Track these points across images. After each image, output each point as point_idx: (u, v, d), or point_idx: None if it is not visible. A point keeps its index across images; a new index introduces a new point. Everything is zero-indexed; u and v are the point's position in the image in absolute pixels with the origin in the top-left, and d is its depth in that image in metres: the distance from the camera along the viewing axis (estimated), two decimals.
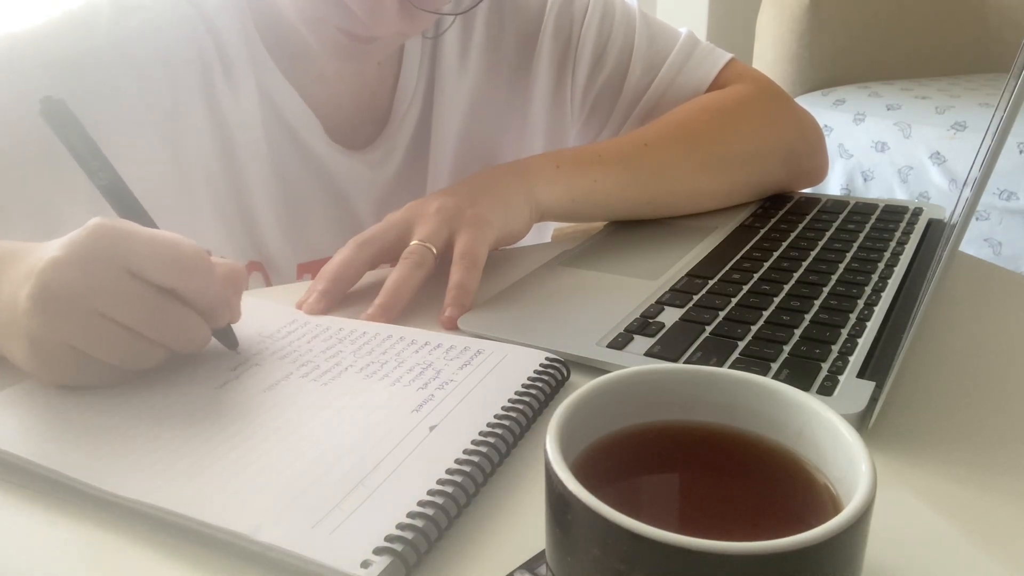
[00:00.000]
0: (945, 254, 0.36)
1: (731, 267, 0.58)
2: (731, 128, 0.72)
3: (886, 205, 0.72)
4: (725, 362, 0.44)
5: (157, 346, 0.42)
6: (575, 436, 0.27)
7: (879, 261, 0.58)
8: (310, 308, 0.53)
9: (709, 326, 0.48)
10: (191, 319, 0.43)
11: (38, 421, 0.40)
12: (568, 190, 0.63)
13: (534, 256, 0.62)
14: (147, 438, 0.38)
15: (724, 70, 0.77)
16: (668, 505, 0.28)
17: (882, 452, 0.38)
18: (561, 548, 0.25)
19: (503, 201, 0.60)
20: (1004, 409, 0.42)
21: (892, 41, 2.33)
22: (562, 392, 0.44)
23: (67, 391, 0.42)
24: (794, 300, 0.52)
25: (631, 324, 0.49)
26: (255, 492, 0.34)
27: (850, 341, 0.46)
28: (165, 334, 0.42)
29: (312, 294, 0.54)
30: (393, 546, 0.31)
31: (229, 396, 0.42)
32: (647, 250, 0.63)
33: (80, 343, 0.40)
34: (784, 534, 0.21)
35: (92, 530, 0.34)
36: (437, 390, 0.42)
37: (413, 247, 0.55)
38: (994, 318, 0.53)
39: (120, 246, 0.40)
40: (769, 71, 2.30)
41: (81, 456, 0.37)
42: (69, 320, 0.39)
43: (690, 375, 0.30)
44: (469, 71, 0.75)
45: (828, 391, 0.41)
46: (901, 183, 1.95)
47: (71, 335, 0.40)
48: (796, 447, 0.28)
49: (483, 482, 0.36)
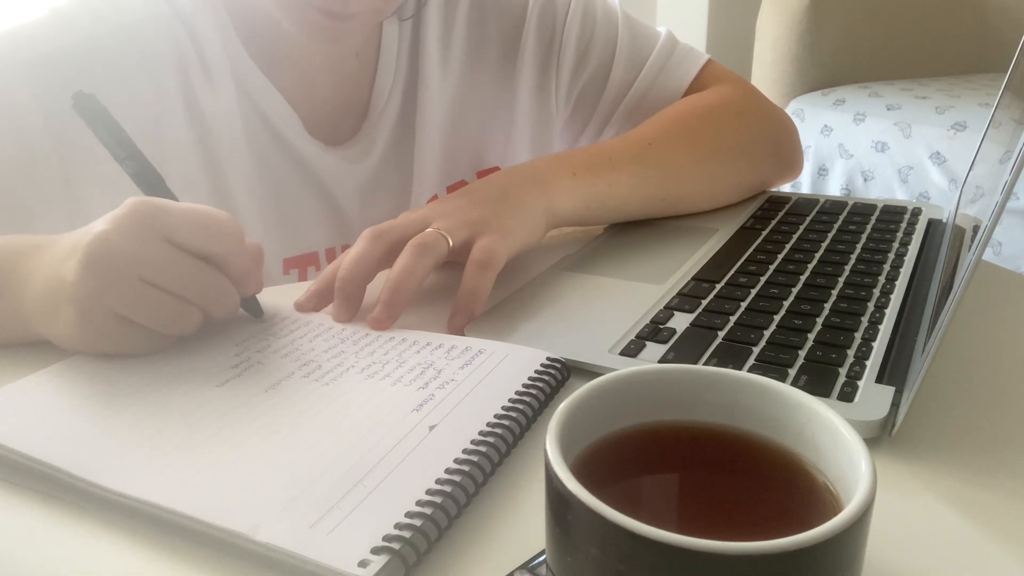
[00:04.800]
0: (971, 261, 0.36)
1: (737, 270, 0.58)
2: (723, 124, 0.74)
3: (885, 205, 0.72)
4: (741, 369, 0.43)
5: (195, 309, 0.46)
6: (575, 436, 0.27)
7: (884, 263, 0.58)
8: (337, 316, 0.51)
9: (721, 331, 0.48)
10: (224, 284, 0.46)
11: (38, 418, 0.40)
12: (584, 197, 0.63)
13: (536, 261, 0.62)
14: (147, 436, 0.38)
15: (703, 71, 0.79)
16: (668, 505, 0.28)
17: (906, 458, 0.38)
18: (561, 548, 0.25)
19: (525, 213, 0.58)
20: (1016, 410, 0.42)
21: (892, 41, 2.33)
22: (562, 392, 0.44)
23: (67, 387, 0.42)
24: (804, 304, 0.52)
25: (642, 331, 0.49)
26: (254, 491, 0.34)
27: (864, 345, 0.46)
28: (203, 297, 0.46)
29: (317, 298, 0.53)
30: (391, 545, 0.31)
31: (230, 395, 0.42)
32: (650, 253, 0.63)
33: (126, 309, 0.43)
34: (784, 534, 0.21)
35: (92, 529, 0.34)
36: (437, 390, 0.42)
37: (428, 232, 0.53)
38: (996, 319, 0.53)
39: (159, 218, 0.44)
40: (769, 71, 2.30)
41: (81, 453, 0.37)
42: (116, 287, 0.43)
43: (690, 375, 0.30)
44: (452, 67, 0.76)
45: (849, 397, 0.41)
46: (901, 183, 1.95)
47: (118, 301, 0.43)
48: (796, 447, 0.28)
49: (483, 482, 0.36)
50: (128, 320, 0.44)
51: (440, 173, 0.77)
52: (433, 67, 0.74)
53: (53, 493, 0.36)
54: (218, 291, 0.46)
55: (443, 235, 0.53)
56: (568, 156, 0.65)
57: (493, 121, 0.79)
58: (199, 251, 0.45)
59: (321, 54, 0.70)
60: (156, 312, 0.44)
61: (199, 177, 0.66)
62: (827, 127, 2.10)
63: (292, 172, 0.71)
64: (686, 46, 0.80)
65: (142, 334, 0.45)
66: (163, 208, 0.44)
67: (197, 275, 0.45)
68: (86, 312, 0.43)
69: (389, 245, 0.53)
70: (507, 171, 0.63)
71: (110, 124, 0.49)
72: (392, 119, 0.75)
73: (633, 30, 0.79)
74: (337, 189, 0.73)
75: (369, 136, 0.74)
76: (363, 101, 0.74)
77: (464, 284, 0.52)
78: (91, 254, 0.42)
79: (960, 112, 1.90)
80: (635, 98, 0.78)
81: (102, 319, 0.43)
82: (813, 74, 2.25)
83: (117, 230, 0.43)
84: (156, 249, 0.43)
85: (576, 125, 0.82)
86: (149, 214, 0.44)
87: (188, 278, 0.44)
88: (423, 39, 0.74)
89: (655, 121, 0.72)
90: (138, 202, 0.44)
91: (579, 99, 0.80)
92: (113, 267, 0.42)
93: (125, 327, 0.44)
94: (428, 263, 0.51)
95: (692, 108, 0.74)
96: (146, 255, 0.43)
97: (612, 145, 0.68)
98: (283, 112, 0.69)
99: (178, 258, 0.44)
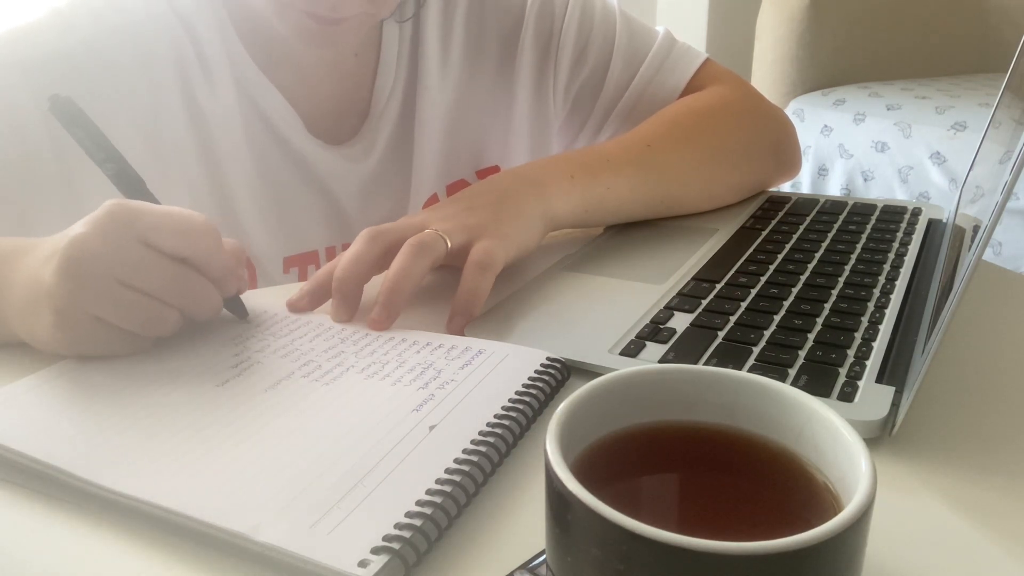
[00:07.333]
0: (971, 261, 0.36)
1: (737, 270, 0.58)
2: (722, 124, 0.74)
3: (885, 205, 0.72)
4: (741, 369, 0.43)
5: (172, 311, 0.46)
6: (575, 436, 0.27)
7: (884, 263, 0.58)
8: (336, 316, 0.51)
9: (721, 331, 0.48)
10: (204, 285, 0.47)
11: (38, 418, 0.40)
12: (582, 200, 0.63)
13: (535, 261, 0.62)
14: (147, 436, 0.38)
15: (700, 70, 0.79)
16: (668, 505, 0.28)
17: (906, 458, 0.38)
18: (561, 548, 0.25)
19: (523, 218, 0.58)
20: (1016, 410, 0.42)
21: (892, 41, 2.33)
22: (562, 392, 0.44)
23: (66, 387, 0.43)
24: (804, 304, 0.52)
25: (642, 331, 0.49)
26: (254, 491, 0.34)
27: (864, 345, 0.46)
28: (180, 299, 0.46)
29: (310, 297, 0.53)
30: (391, 545, 0.31)
31: (230, 394, 0.42)
32: (650, 253, 0.63)
33: (102, 311, 0.43)
34: (784, 534, 0.21)
35: (91, 529, 0.34)
36: (437, 390, 0.42)
37: (426, 232, 0.53)
38: (996, 319, 0.53)
39: (135, 220, 0.44)
40: (769, 71, 2.30)
41: (81, 453, 0.37)
42: (92, 289, 0.43)
43: (690, 375, 0.30)
44: (451, 67, 0.76)
45: (849, 397, 0.41)
46: (901, 183, 1.95)
47: (94, 303, 0.43)
48: (796, 447, 0.28)
49: (483, 482, 0.36)
50: (105, 322, 0.44)
51: (440, 172, 0.77)
52: (433, 67, 0.74)
53: (53, 493, 0.36)
54: (196, 292, 0.46)
55: (441, 236, 0.53)
56: (566, 158, 0.65)
57: (492, 120, 0.79)
58: (176, 252, 0.45)
59: (320, 54, 0.70)
60: (133, 314, 0.44)
61: (199, 177, 0.67)
62: (827, 127, 2.10)
63: (292, 171, 0.71)
64: (684, 45, 0.80)
65: (120, 336, 0.45)
66: (139, 210, 0.44)
67: (174, 276, 0.45)
68: (63, 314, 0.43)
69: (387, 245, 0.53)
70: (504, 174, 0.63)
71: (88, 127, 0.49)
72: (392, 119, 0.75)
73: (631, 29, 0.79)
74: (337, 188, 0.73)
75: (370, 135, 0.74)
76: (363, 100, 0.74)
77: (463, 285, 0.52)
78: (68, 257, 0.42)
79: (960, 112, 1.91)
80: (633, 97, 0.78)
81: (79, 321, 0.43)
82: (813, 74, 2.25)
83: (93, 232, 0.43)
84: (132, 251, 0.43)
85: (574, 124, 0.82)
86: (125, 216, 0.44)
87: (165, 280, 0.44)
88: (423, 39, 0.74)
89: (653, 122, 0.72)
90: (114, 204, 0.44)
91: (577, 98, 0.80)
92: (89, 269, 0.42)
93: (103, 329, 0.44)
94: (426, 263, 0.51)
95: (690, 109, 0.74)
96: (122, 257, 0.43)
97: (610, 147, 0.68)
98: (283, 111, 0.69)
99: (154, 260, 0.44)
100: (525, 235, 0.58)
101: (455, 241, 0.53)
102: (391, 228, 0.54)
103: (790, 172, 0.80)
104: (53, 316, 0.43)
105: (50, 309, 0.43)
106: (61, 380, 0.43)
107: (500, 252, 0.54)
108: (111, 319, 0.44)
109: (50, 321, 0.43)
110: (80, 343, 0.45)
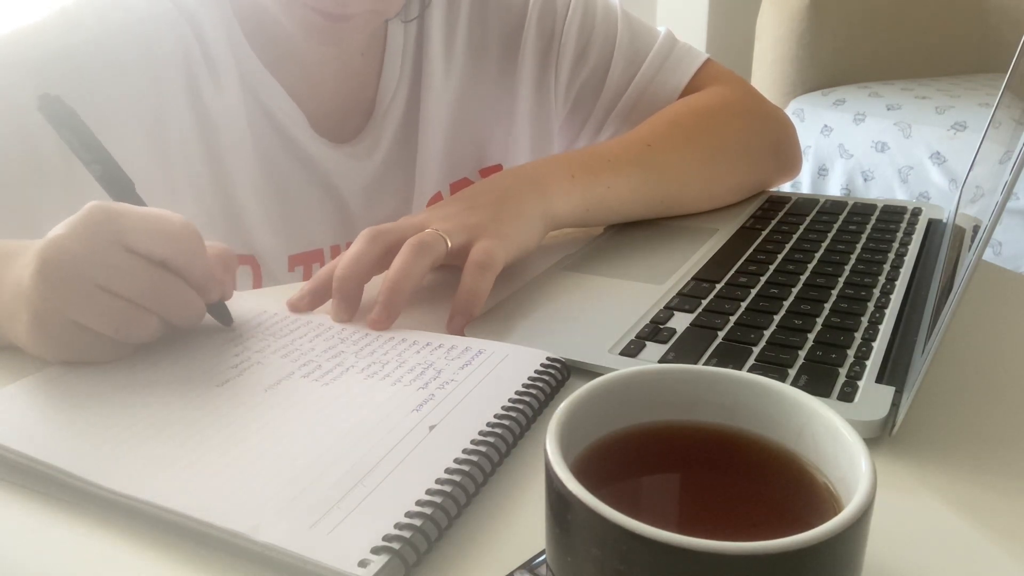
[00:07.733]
0: (971, 261, 0.36)
1: (737, 270, 0.58)
2: (722, 124, 0.74)
3: (885, 205, 0.72)
4: (741, 369, 0.43)
5: (151, 316, 0.44)
6: (575, 436, 0.27)
7: (884, 263, 0.58)
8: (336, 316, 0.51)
9: (721, 331, 0.48)
10: (184, 291, 0.45)
11: (39, 418, 0.40)
12: (583, 200, 0.63)
13: (535, 261, 0.62)
14: (147, 436, 0.38)
15: (701, 70, 0.79)
16: (668, 505, 0.28)
17: (906, 458, 0.38)
18: (561, 548, 0.25)
19: (523, 218, 0.58)
20: (1016, 410, 0.42)
21: (892, 41, 2.33)
22: (562, 392, 0.44)
23: (67, 388, 0.42)
24: (804, 304, 0.51)
25: (642, 331, 0.49)
26: (254, 491, 0.34)
27: (864, 345, 0.46)
28: (159, 304, 0.44)
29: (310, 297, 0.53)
30: (391, 545, 0.31)
31: (230, 394, 0.42)
32: (650, 253, 0.63)
33: (79, 315, 0.42)
34: (784, 534, 0.21)
35: (91, 529, 0.34)
36: (437, 390, 0.42)
37: (426, 232, 0.53)
38: (996, 318, 0.53)
39: (114, 223, 0.43)
40: (769, 71, 2.30)
41: (81, 453, 0.37)
42: (69, 292, 0.42)
43: (690, 375, 0.30)
44: (455, 66, 0.76)
45: (849, 397, 0.41)
46: (901, 183, 1.95)
47: (71, 307, 0.42)
48: (796, 447, 0.28)
49: (483, 482, 0.36)
50: (82, 326, 0.43)
51: (444, 171, 0.78)
52: (437, 66, 0.75)
53: (53, 493, 0.36)
54: (176, 297, 0.45)
55: (442, 236, 0.53)
56: (566, 158, 0.65)
57: (495, 119, 0.80)
58: (155, 256, 0.44)
59: (325, 52, 0.70)
60: (110, 318, 0.43)
61: (204, 175, 0.67)
62: (827, 127, 2.10)
63: (297, 169, 0.71)
64: (685, 45, 0.80)
65: (98, 341, 0.44)
66: (118, 213, 0.43)
67: (153, 281, 0.44)
68: (41, 318, 0.43)
69: (387, 245, 0.53)
70: (505, 174, 0.63)
71: (77, 126, 0.48)
72: (397, 117, 0.75)
73: (632, 29, 0.79)
74: (342, 186, 0.73)
75: (374, 134, 0.74)
76: (368, 99, 0.74)
77: (463, 285, 0.52)
78: (44, 259, 0.41)
79: (960, 112, 1.90)
80: (633, 96, 0.78)
81: (57, 325, 0.43)
82: (813, 74, 2.25)
83: (71, 235, 0.42)
84: (110, 254, 0.42)
85: (574, 123, 0.82)
86: (103, 219, 0.43)
87: (143, 284, 0.43)
88: (427, 38, 0.74)
89: (653, 122, 0.72)
90: (93, 206, 0.43)
91: (578, 97, 0.80)
92: (66, 273, 0.42)
93: (81, 333, 0.43)
94: (426, 263, 0.51)
95: (691, 109, 0.74)
96: (100, 260, 0.42)
97: (611, 146, 0.68)
98: (288, 109, 0.69)
99: (133, 263, 0.43)
100: (525, 235, 0.58)
101: (455, 241, 0.53)
102: (391, 228, 0.54)
103: (790, 172, 0.80)
104: (31, 320, 0.43)
105: (27, 311, 0.43)
106: (62, 380, 0.43)
107: (500, 252, 0.54)
108: (88, 323, 0.43)
109: (28, 325, 0.43)
110: (59, 348, 0.44)
